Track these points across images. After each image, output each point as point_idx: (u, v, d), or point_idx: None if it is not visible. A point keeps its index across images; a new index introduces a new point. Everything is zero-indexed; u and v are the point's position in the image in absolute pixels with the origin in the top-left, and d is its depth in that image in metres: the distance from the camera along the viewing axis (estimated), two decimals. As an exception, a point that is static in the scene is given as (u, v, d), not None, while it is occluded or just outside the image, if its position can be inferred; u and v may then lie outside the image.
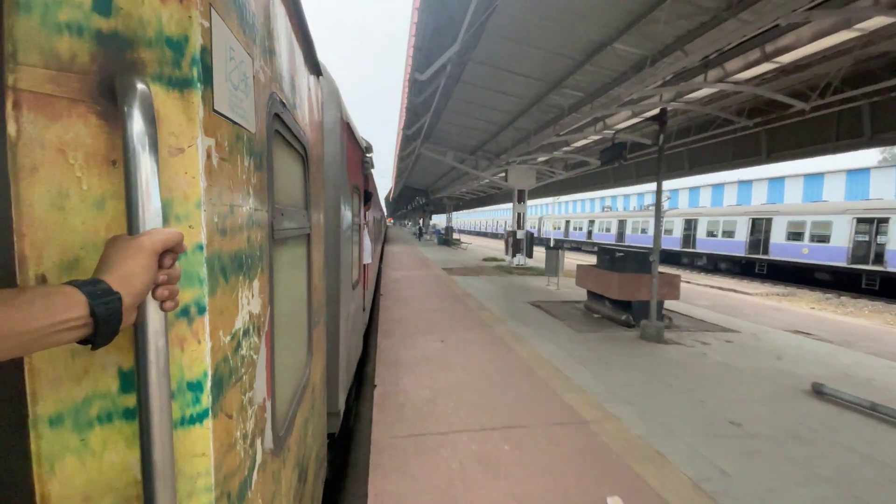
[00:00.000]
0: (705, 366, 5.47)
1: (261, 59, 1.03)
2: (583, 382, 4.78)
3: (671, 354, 5.93)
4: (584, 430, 3.68)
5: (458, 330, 6.95)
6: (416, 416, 3.86)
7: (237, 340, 0.86)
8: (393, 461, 3.10)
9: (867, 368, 5.63)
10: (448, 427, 3.66)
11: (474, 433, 3.56)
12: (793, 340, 7.08)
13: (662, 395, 4.50)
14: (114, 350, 0.64)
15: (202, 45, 0.68)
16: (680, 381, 4.88)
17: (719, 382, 4.90)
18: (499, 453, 3.27)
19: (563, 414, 3.98)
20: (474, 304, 9.21)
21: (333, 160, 2.75)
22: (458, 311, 8.34)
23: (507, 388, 4.54)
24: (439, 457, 3.20)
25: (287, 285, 1.46)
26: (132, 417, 0.65)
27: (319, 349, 2.16)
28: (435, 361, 5.36)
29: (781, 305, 12.51)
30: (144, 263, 0.56)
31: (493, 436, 3.52)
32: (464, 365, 5.23)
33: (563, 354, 5.80)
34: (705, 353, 6.10)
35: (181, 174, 0.67)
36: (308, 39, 1.79)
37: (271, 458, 1.12)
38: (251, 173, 0.96)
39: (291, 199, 1.51)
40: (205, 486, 0.71)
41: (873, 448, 3.55)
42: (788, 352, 6.32)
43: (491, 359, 5.50)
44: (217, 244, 0.76)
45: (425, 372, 4.97)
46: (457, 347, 5.97)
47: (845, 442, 3.64)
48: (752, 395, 4.60)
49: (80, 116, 0.60)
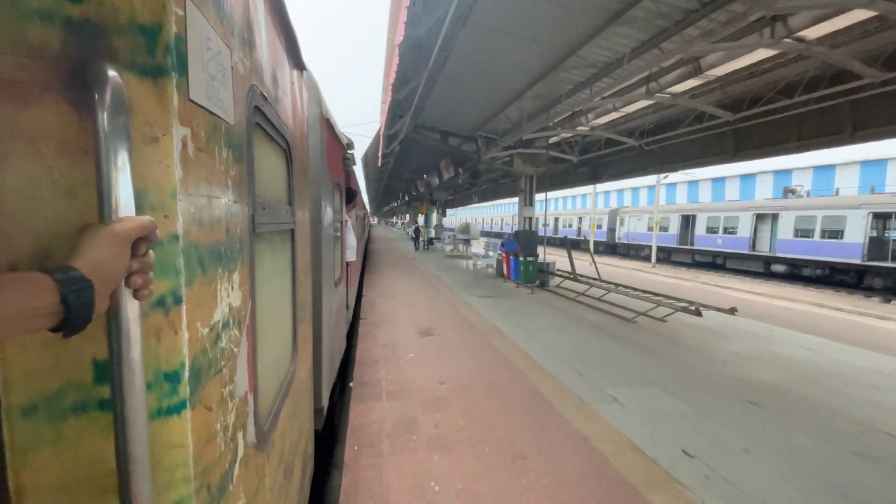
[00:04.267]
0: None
1: (240, 50, 1.02)
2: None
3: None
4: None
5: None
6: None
7: (216, 332, 0.86)
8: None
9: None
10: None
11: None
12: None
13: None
14: (88, 340, 0.64)
15: (176, 33, 0.68)
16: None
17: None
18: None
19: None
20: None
21: (314, 156, 2.73)
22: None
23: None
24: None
25: (270, 280, 1.45)
26: (107, 408, 0.65)
27: (305, 345, 2.15)
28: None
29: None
30: (117, 251, 0.55)
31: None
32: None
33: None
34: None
35: (155, 163, 0.67)
36: (291, 34, 1.77)
37: (254, 452, 1.12)
38: (230, 165, 0.95)
39: (274, 194, 1.50)
40: (183, 477, 0.71)
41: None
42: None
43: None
44: (194, 235, 0.76)
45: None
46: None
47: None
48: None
49: (52, 104, 0.60)
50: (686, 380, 5.03)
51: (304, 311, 2.09)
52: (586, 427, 3.75)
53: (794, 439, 3.67)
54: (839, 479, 3.11)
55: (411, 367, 5.26)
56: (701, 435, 3.67)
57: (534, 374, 5.08)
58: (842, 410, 4.33)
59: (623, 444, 3.48)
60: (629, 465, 3.17)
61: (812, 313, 10.50)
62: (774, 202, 21.76)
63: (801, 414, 4.20)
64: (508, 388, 4.62)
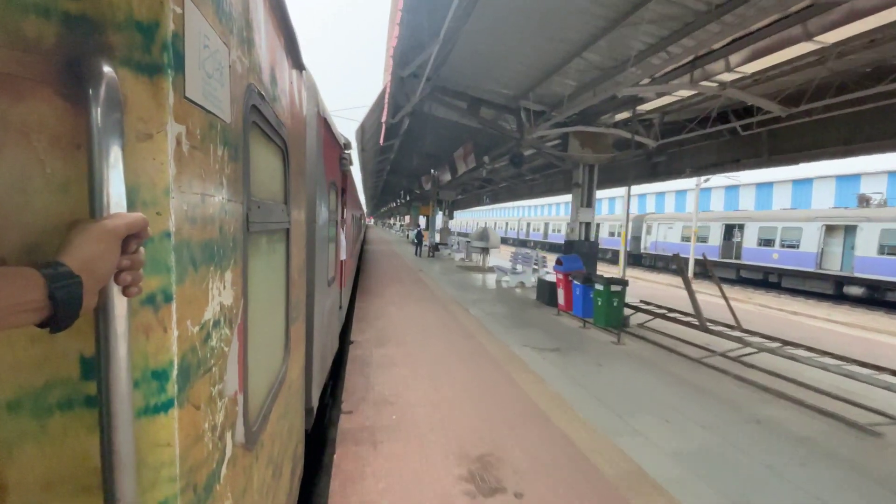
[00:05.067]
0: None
1: (238, 48, 1.02)
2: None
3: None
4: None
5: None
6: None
7: (206, 331, 0.85)
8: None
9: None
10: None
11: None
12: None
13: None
14: (76, 336, 0.63)
15: (174, 30, 0.68)
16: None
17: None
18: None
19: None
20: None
21: (311, 156, 2.73)
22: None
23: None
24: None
25: (263, 280, 1.45)
26: (94, 405, 0.64)
27: (297, 346, 2.14)
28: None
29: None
30: (106, 247, 0.55)
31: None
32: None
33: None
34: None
35: (149, 160, 0.67)
36: (290, 33, 1.77)
37: (243, 452, 1.11)
38: (225, 163, 0.95)
39: (270, 193, 1.50)
40: (168, 476, 0.71)
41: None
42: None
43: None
44: (186, 232, 0.75)
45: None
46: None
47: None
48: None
49: (45, 99, 0.59)
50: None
51: (297, 311, 2.08)
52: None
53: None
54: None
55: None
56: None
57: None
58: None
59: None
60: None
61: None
62: (850, 212, 18.16)
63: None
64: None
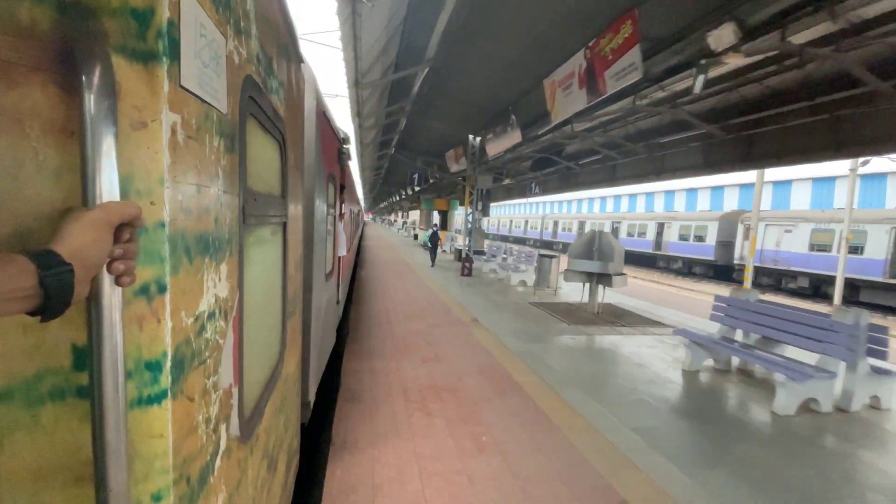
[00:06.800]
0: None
1: (235, 39, 1.01)
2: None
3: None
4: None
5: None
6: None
7: (201, 323, 0.85)
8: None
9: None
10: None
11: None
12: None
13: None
14: (68, 325, 0.63)
15: (169, 18, 0.67)
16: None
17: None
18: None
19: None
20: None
21: (309, 149, 2.71)
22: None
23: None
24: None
25: (260, 273, 1.44)
26: (86, 395, 0.64)
27: (294, 340, 2.13)
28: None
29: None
30: (99, 236, 0.54)
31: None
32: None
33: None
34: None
35: (143, 149, 0.66)
36: (290, 25, 1.76)
37: (237, 445, 1.11)
38: (221, 154, 0.94)
39: (267, 186, 1.49)
40: (161, 467, 0.70)
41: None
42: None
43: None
44: (181, 223, 0.75)
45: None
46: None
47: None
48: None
49: (38, 85, 0.58)
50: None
51: (294, 305, 2.08)
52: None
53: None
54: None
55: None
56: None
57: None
58: None
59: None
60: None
61: None
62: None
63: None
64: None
